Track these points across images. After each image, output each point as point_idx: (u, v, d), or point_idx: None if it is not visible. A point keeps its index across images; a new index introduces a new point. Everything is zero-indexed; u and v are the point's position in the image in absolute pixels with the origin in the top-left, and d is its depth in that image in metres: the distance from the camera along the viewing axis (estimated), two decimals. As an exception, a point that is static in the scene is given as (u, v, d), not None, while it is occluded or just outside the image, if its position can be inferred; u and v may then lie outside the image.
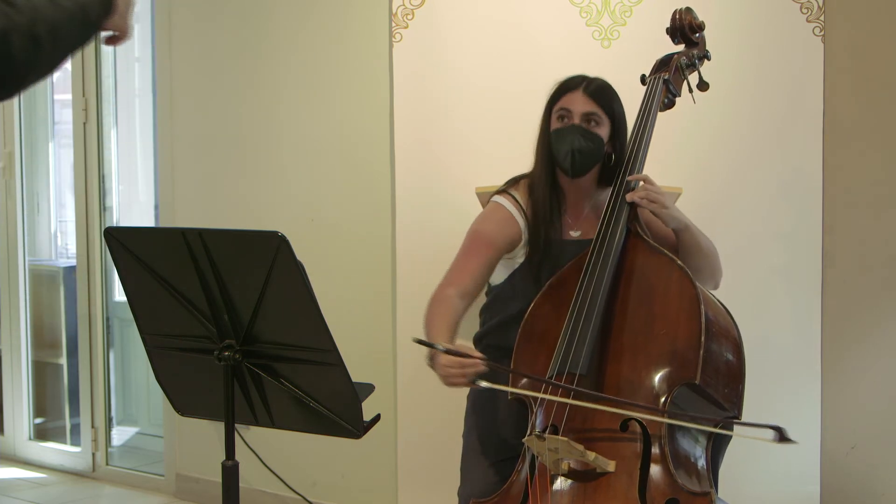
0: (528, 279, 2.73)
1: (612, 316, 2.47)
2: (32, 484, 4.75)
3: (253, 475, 4.13)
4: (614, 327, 2.46)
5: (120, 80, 4.97)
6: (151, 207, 5.14)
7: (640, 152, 2.64)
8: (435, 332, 2.56)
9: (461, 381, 2.38)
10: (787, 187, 3.21)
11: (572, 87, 2.71)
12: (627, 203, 2.56)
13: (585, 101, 2.68)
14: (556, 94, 2.73)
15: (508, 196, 2.79)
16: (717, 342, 2.41)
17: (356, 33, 3.84)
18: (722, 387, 2.42)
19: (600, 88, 2.71)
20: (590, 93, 2.69)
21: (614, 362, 2.42)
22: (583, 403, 2.34)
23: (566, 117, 2.69)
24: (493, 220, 2.77)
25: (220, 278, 2.25)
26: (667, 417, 2.31)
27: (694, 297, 2.40)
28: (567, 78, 2.75)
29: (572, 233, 2.77)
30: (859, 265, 3.18)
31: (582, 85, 2.70)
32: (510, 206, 2.77)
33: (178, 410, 2.52)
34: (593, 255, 2.51)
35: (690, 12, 2.77)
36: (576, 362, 2.39)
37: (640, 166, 2.64)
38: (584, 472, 2.30)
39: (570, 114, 2.68)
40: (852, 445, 3.20)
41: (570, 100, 2.69)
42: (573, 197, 2.77)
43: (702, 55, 2.79)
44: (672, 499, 2.24)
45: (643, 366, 2.39)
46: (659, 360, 2.38)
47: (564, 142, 2.67)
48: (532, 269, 2.73)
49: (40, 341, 5.20)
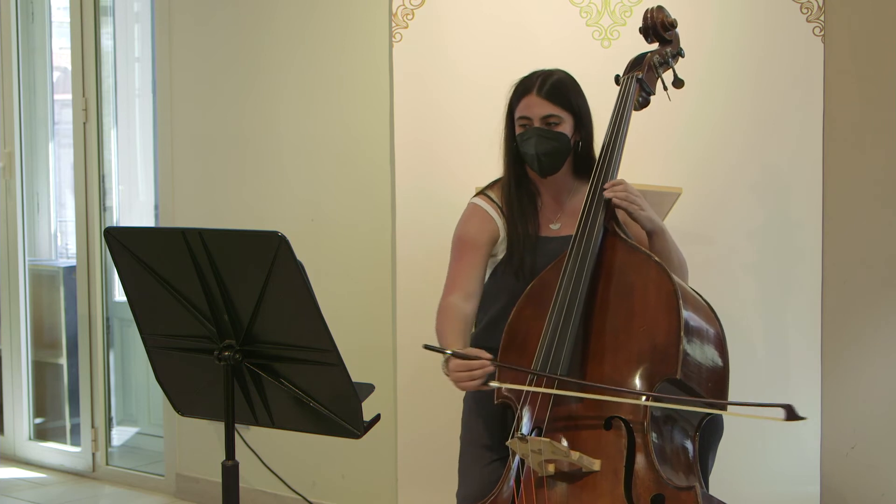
0: (508, 275, 2.77)
1: (592, 316, 2.49)
2: (32, 484, 4.75)
3: (253, 475, 4.13)
4: (595, 327, 2.48)
5: (120, 80, 4.97)
6: (151, 207, 5.14)
7: (616, 152, 2.64)
8: (445, 339, 2.64)
9: (472, 384, 2.46)
10: (787, 187, 3.21)
11: (528, 89, 2.72)
12: (605, 200, 2.56)
13: (542, 103, 2.70)
14: (515, 98, 2.75)
15: (484, 197, 2.85)
16: (697, 336, 2.42)
17: (356, 33, 3.84)
18: (705, 381, 2.43)
19: (555, 87, 2.71)
20: (545, 94, 2.70)
21: (596, 362, 2.44)
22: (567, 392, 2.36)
23: (527, 122, 2.72)
24: (471, 221, 2.83)
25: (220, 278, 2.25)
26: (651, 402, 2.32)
27: (672, 292, 2.41)
28: (522, 78, 2.77)
29: (552, 226, 2.80)
30: (859, 264, 3.18)
31: (536, 86, 2.71)
32: (486, 206, 2.82)
33: (178, 410, 2.52)
34: (571, 256, 2.53)
35: (662, 10, 2.78)
36: (556, 364, 2.41)
37: (616, 166, 2.64)
38: (570, 472, 2.32)
39: (529, 121, 2.71)
40: (852, 445, 3.20)
41: (527, 104, 2.71)
42: (549, 192, 2.81)
43: (675, 53, 2.79)
44: (658, 494, 2.25)
45: (624, 363, 2.40)
46: (639, 357, 2.39)
47: (529, 146, 2.70)
48: (512, 266, 2.77)
49: (40, 341, 5.20)
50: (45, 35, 5.16)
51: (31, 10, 5.12)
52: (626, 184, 2.60)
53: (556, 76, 2.74)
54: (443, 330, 2.68)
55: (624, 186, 2.58)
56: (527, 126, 2.71)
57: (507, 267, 2.78)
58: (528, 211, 2.78)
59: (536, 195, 2.81)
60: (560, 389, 2.39)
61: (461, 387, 2.48)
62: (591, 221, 2.55)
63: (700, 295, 2.54)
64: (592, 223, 2.55)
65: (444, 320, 2.70)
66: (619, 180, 2.60)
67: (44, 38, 5.16)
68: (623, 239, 2.56)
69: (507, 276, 2.78)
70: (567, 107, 2.71)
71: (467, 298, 2.74)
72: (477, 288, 2.77)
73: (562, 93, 2.71)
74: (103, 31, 4.77)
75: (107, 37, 4.82)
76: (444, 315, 2.71)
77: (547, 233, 2.79)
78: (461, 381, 2.47)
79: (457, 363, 2.46)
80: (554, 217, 2.81)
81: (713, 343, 2.49)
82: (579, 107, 2.73)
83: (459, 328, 2.66)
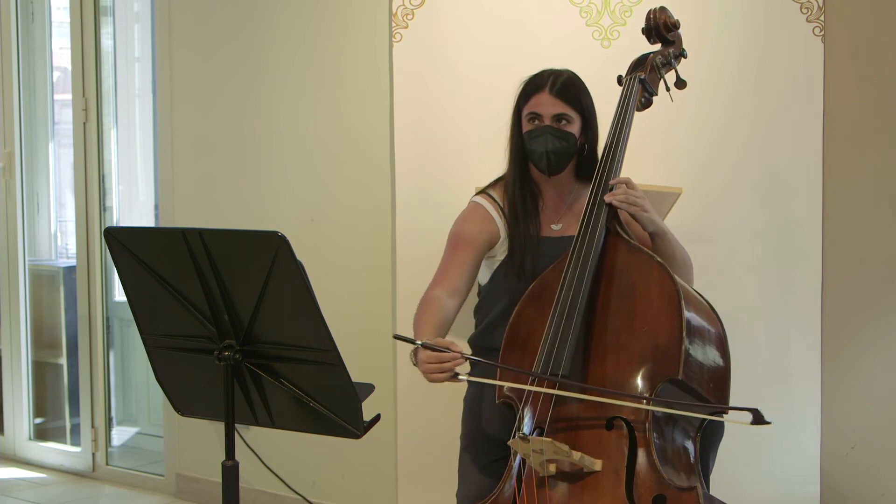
0: (510, 276, 2.77)
1: (594, 316, 2.49)
2: (32, 484, 4.75)
3: (253, 475, 4.13)
4: (596, 327, 2.48)
5: (120, 80, 4.97)
6: (151, 207, 5.14)
7: (619, 153, 2.64)
8: (420, 330, 2.59)
9: (441, 376, 2.41)
10: (787, 187, 3.21)
11: (539, 87, 2.72)
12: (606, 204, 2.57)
13: (554, 101, 2.70)
14: (524, 96, 2.75)
15: (486, 196, 2.84)
16: (699, 337, 2.43)
17: (356, 33, 3.84)
18: (707, 381, 2.43)
19: (566, 86, 2.72)
20: (557, 92, 2.70)
21: (597, 362, 2.44)
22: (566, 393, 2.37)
23: (537, 120, 2.71)
24: (470, 219, 2.83)
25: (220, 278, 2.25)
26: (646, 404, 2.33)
27: (674, 292, 2.41)
28: (532, 76, 2.77)
29: (553, 227, 2.80)
30: (859, 265, 3.18)
31: (548, 85, 2.71)
32: (487, 205, 2.82)
33: (178, 410, 2.52)
34: (573, 257, 2.53)
35: (665, 11, 2.78)
36: (558, 363, 2.41)
37: (618, 166, 2.64)
38: (572, 472, 2.32)
39: (540, 117, 2.71)
40: (852, 445, 3.20)
41: (538, 102, 2.71)
42: (552, 192, 2.80)
43: (678, 53, 2.80)
44: (659, 495, 2.25)
45: (626, 364, 2.41)
46: (641, 358, 2.40)
47: (538, 143, 2.70)
48: (513, 266, 2.77)
49: (40, 341, 5.20)
50: (45, 35, 5.16)
51: (31, 10, 5.12)
52: (627, 184, 2.59)
53: (567, 75, 2.75)
54: (420, 320, 2.64)
55: (623, 189, 2.58)
56: (536, 123, 2.71)
57: (508, 268, 2.78)
58: (529, 211, 2.77)
59: (538, 195, 2.81)
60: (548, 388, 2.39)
61: (430, 378, 2.43)
62: (594, 222, 2.55)
63: (701, 295, 2.55)
64: (595, 223, 2.55)
65: (422, 311, 2.67)
66: (623, 179, 2.60)
67: (44, 38, 5.16)
68: (625, 239, 2.56)
69: (508, 278, 2.78)
70: (577, 107, 2.71)
71: (452, 294, 2.71)
72: (464, 285, 2.75)
73: (573, 92, 2.72)
74: (103, 31, 4.77)
75: (107, 37, 4.82)
76: (425, 306, 2.68)
77: (548, 233, 2.79)
78: (430, 373, 2.41)
79: (427, 354, 2.41)
80: (555, 217, 2.81)
81: (715, 343, 2.49)
82: (588, 108, 2.74)
83: (437, 321, 2.62)
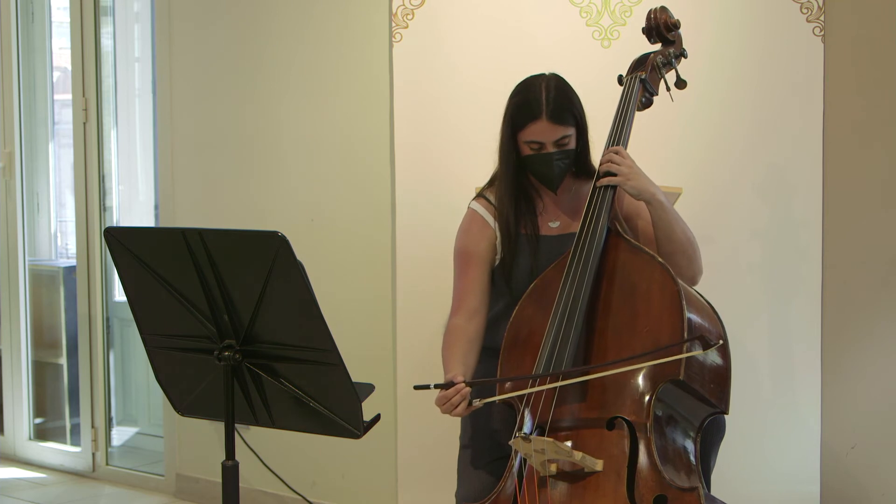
0: (505, 276, 2.77)
1: (595, 316, 2.49)
2: (32, 484, 4.75)
3: (253, 475, 4.13)
4: (597, 327, 2.48)
5: (120, 80, 4.97)
6: (151, 207, 5.14)
7: None
8: (446, 367, 2.63)
9: (457, 410, 2.48)
10: (787, 187, 3.21)
11: (535, 114, 2.66)
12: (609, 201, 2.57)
13: (553, 128, 2.67)
14: (520, 122, 2.69)
15: (482, 200, 2.84)
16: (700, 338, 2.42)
17: (356, 33, 3.84)
18: (708, 382, 2.43)
19: (559, 104, 2.67)
20: (554, 118, 2.66)
21: (599, 362, 2.44)
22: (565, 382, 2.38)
23: (539, 146, 2.69)
24: (469, 231, 2.82)
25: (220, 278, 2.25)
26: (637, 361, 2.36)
27: (675, 293, 2.41)
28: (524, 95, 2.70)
29: (551, 224, 2.80)
30: (860, 265, 3.18)
31: (544, 111, 2.65)
32: (482, 210, 2.82)
33: (178, 410, 2.52)
34: (575, 256, 2.53)
35: (666, 11, 2.78)
36: (559, 363, 2.41)
37: None
38: (573, 472, 2.32)
39: (543, 145, 2.68)
40: (852, 445, 3.20)
41: (538, 131, 2.67)
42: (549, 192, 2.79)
43: (678, 53, 2.79)
44: (660, 495, 2.25)
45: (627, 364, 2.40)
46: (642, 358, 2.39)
47: (545, 167, 2.69)
48: (507, 266, 2.77)
49: (40, 341, 5.19)
50: (45, 35, 5.16)
51: (31, 10, 5.12)
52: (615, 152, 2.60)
53: (555, 90, 2.69)
54: (445, 357, 2.67)
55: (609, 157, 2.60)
56: (539, 149, 2.69)
57: (503, 268, 2.78)
58: (522, 212, 2.77)
59: (536, 196, 2.81)
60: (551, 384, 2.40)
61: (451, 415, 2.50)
62: (595, 221, 2.55)
63: (702, 296, 2.55)
64: (596, 223, 2.55)
65: (446, 346, 2.70)
66: (616, 148, 2.61)
67: (44, 38, 5.16)
68: (626, 239, 2.56)
69: (503, 278, 2.78)
70: (573, 122, 2.70)
71: (472, 317, 2.73)
72: (480, 303, 2.76)
73: (567, 109, 2.69)
74: (103, 31, 4.77)
75: (107, 37, 4.82)
76: (448, 339, 2.71)
77: (547, 231, 2.79)
78: (447, 413, 2.49)
79: (437, 396, 2.49)
80: (554, 215, 2.81)
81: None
82: (580, 114, 2.72)
83: (461, 353, 2.65)
